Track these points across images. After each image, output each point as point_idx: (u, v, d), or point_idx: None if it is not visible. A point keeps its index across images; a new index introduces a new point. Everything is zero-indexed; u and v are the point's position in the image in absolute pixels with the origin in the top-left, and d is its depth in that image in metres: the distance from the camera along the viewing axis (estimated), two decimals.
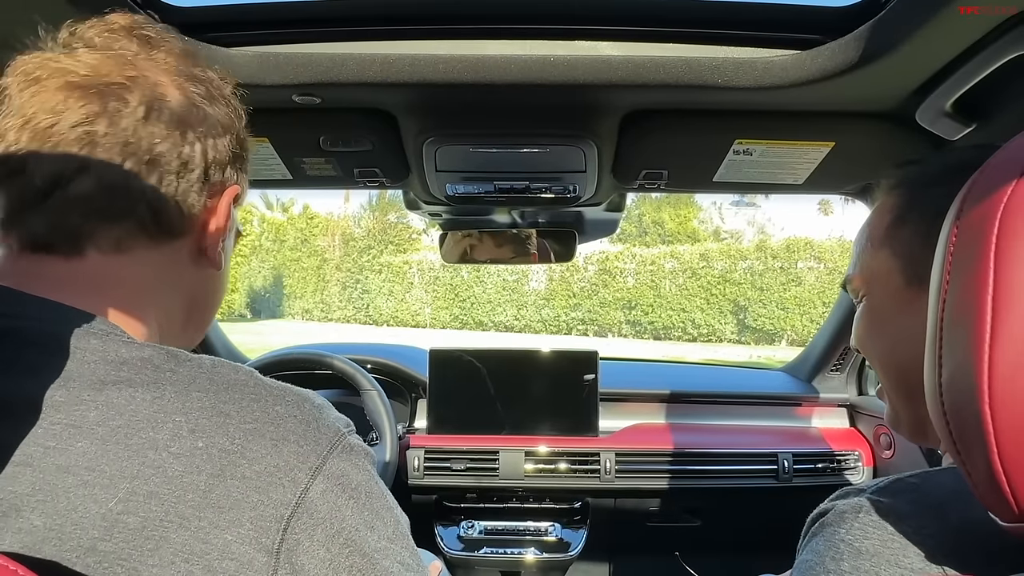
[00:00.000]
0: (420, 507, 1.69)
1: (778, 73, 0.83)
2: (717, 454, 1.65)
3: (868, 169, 1.14)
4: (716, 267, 17.63)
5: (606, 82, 0.85)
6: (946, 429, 0.37)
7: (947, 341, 0.37)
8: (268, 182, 1.24)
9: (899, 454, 1.56)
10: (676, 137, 1.05)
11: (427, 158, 1.11)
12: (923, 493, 0.46)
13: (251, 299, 22.38)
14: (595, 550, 1.72)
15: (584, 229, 1.58)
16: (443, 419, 1.69)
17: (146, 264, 0.49)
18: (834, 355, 1.73)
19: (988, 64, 0.73)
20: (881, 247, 0.60)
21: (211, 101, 0.52)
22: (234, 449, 0.40)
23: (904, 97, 0.89)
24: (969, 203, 0.38)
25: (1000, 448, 0.33)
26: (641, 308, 17.87)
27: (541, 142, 1.07)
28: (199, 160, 0.50)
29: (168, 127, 0.48)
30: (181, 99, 0.49)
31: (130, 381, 0.41)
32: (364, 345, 2.03)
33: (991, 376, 0.34)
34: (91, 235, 0.46)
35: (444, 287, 19.75)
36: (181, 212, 0.49)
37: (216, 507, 0.38)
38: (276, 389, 0.44)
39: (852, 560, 0.43)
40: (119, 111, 0.45)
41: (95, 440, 0.38)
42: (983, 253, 0.35)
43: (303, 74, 0.86)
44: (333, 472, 0.42)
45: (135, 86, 0.47)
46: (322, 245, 22.40)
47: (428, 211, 1.46)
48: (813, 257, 16.98)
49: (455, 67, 0.84)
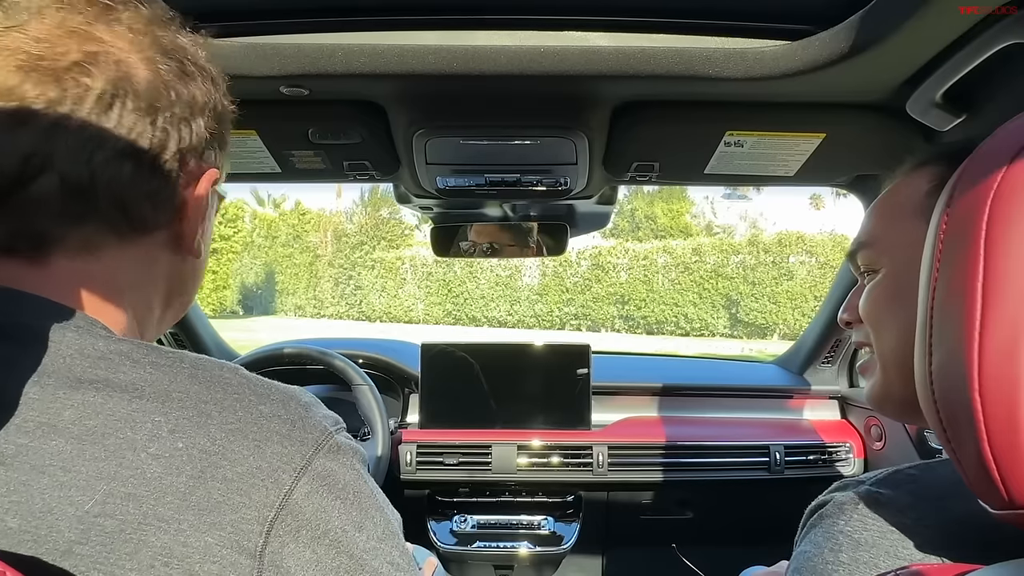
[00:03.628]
0: (413, 502, 1.69)
1: (769, 63, 0.83)
2: (709, 446, 1.65)
3: (859, 160, 1.15)
4: (708, 262, 17.66)
5: (596, 73, 0.85)
6: (936, 416, 0.37)
7: (937, 328, 0.37)
8: (256, 175, 1.22)
9: (890, 445, 1.57)
10: (667, 129, 1.05)
11: (417, 150, 1.10)
12: (922, 484, 0.46)
13: (243, 296, 22.25)
14: (588, 543, 1.73)
15: (576, 222, 1.57)
16: (435, 414, 1.69)
17: (119, 261, 0.45)
18: (826, 347, 1.74)
19: (978, 54, 0.73)
20: (914, 215, 0.59)
21: (185, 78, 0.46)
22: (215, 450, 0.39)
23: (894, 88, 0.88)
24: (959, 190, 0.38)
25: (990, 435, 0.33)
26: (634, 303, 17.90)
27: (532, 134, 1.06)
28: (173, 148, 0.45)
29: (136, 113, 0.43)
30: (150, 78, 0.44)
31: (107, 380, 0.39)
32: (355, 340, 2.02)
33: (981, 363, 0.34)
34: (57, 239, 0.42)
35: (437, 283, 19.70)
36: (155, 206, 0.46)
37: (197, 509, 0.37)
38: (261, 387, 0.43)
39: (851, 551, 0.43)
40: (81, 97, 0.40)
41: (70, 439, 0.37)
42: (973, 240, 0.35)
43: (291, 65, 0.85)
44: (319, 472, 0.41)
45: (95, 66, 0.41)
46: (314, 241, 22.28)
47: (419, 204, 1.46)
48: (805, 251, 17.04)
49: (444, 58, 0.83)
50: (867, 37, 0.75)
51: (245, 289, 22.44)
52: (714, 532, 1.80)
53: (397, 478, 1.62)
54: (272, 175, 1.21)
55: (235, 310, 21.34)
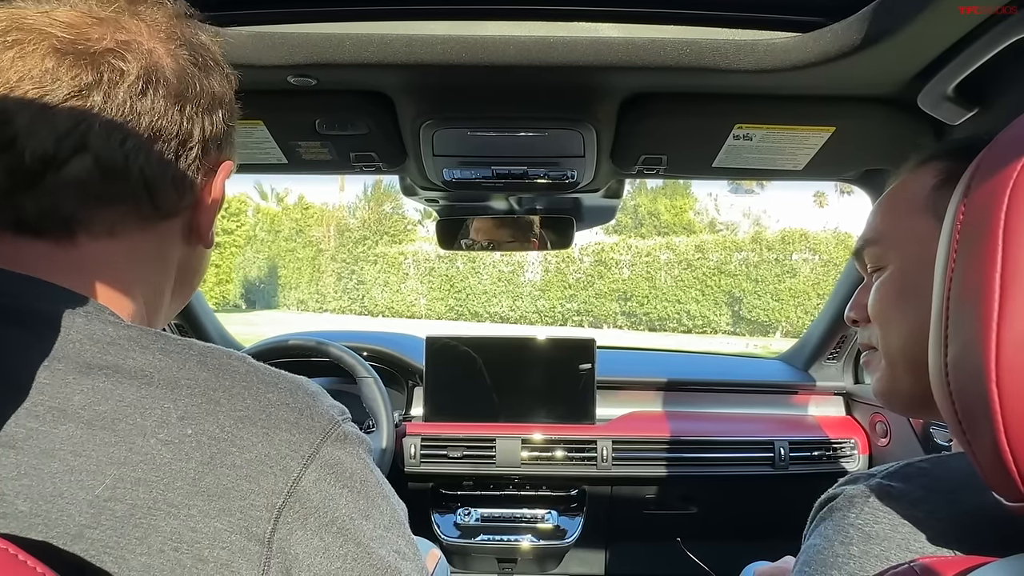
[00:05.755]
0: (417, 495, 1.69)
1: (779, 55, 0.82)
2: (714, 442, 1.65)
3: (868, 155, 1.14)
4: (711, 259, 17.65)
5: (605, 64, 0.84)
6: (951, 409, 0.37)
7: (953, 320, 0.37)
8: (263, 166, 1.22)
9: (895, 442, 1.57)
10: (676, 121, 1.04)
11: (424, 142, 1.10)
12: (934, 478, 0.45)
13: (246, 290, 22.31)
14: (592, 537, 1.73)
15: (582, 216, 1.57)
16: (440, 407, 1.69)
17: (138, 245, 0.47)
18: (831, 343, 1.73)
19: (991, 48, 0.73)
20: (922, 211, 0.58)
21: (205, 70, 0.48)
22: (224, 437, 0.39)
23: (906, 81, 0.88)
24: (977, 180, 0.37)
25: (1007, 428, 0.33)
26: (636, 299, 17.90)
27: (539, 126, 1.06)
28: (198, 136, 0.47)
29: (167, 101, 0.44)
30: (176, 69, 0.45)
31: (117, 366, 0.39)
32: (360, 333, 2.02)
33: (998, 355, 0.33)
34: (85, 221, 0.43)
35: (440, 278, 19.73)
36: (178, 193, 0.47)
37: (206, 495, 0.37)
38: (269, 376, 0.43)
39: (862, 544, 0.43)
40: (115, 82, 0.41)
41: (80, 424, 0.37)
42: (991, 231, 0.35)
43: (298, 54, 0.85)
44: (327, 461, 0.41)
45: (129, 53, 0.42)
46: (317, 236, 22.32)
47: (425, 197, 1.45)
48: (808, 249, 17.02)
49: (453, 48, 0.83)
50: (879, 29, 0.74)
51: (248, 283, 22.49)
52: (718, 527, 1.80)
53: (401, 471, 1.63)
54: (279, 166, 1.21)
55: (238, 304, 21.40)
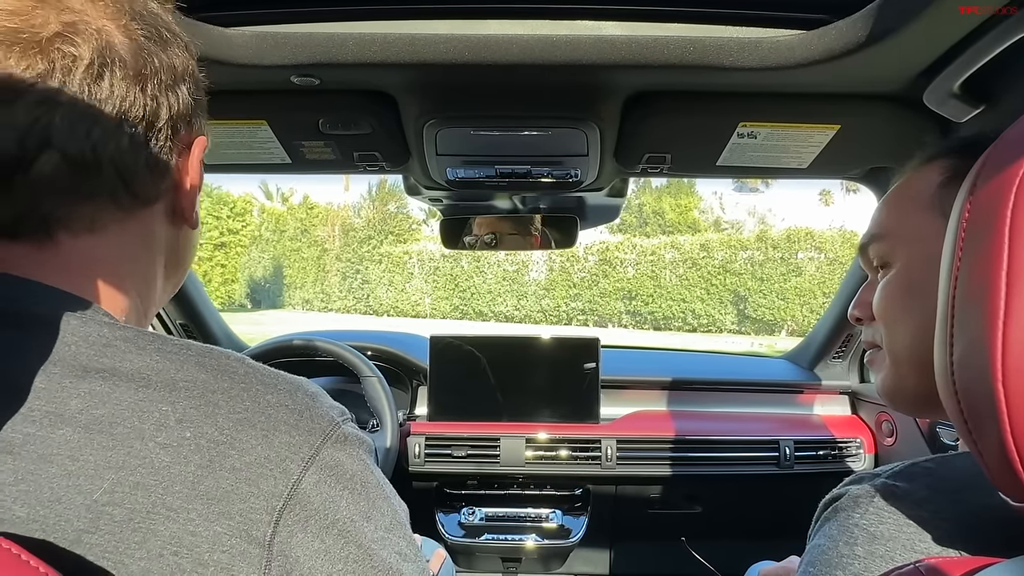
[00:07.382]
0: (421, 494, 1.69)
1: (784, 53, 0.82)
2: (718, 441, 1.65)
3: (874, 152, 1.13)
4: (716, 257, 17.58)
5: (609, 62, 0.84)
6: (957, 408, 0.37)
7: (959, 319, 0.36)
8: (267, 166, 1.22)
9: (901, 441, 1.56)
10: (680, 120, 1.04)
11: (427, 141, 1.10)
12: (939, 478, 0.45)
13: (251, 289, 22.35)
14: (596, 536, 1.73)
15: (585, 215, 1.56)
16: (444, 406, 1.69)
17: (122, 237, 0.45)
18: (836, 343, 1.72)
19: (996, 45, 0.72)
20: (928, 208, 0.58)
21: (162, 43, 0.45)
22: (223, 440, 0.38)
23: (911, 78, 0.87)
24: (983, 178, 0.37)
25: (1013, 427, 0.33)
26: (641, 298, 17.84)
27: (543, 124, 1.06)
28: (165, 115, 0.44)
29: (126, 82, 0.41)
30: (131, 46, 0.42)
31: (113, 368, 0.39)
32: (364, 332, 2.02)
33: (1005, 354, 0.33)
34: (63, 219, 0.42)
35: (444, 277, 19.72)
36: (154, 177, 0.45)
37: (205, 499, 0.37)
38: (268, 377, 0.43)
39: (867, 545, 0.43)
40: (69, 70, 0.39)
41: (78, 428, 0.37)
42: (997, 228, 0.34)
43: (302, 54, 0.85)
44: (327, 462, 0.41)
45: (78, 35, 0.39)
46: (322, 235, 22.34)
47: (428, 196, 1.45)
48: (814, 247, 16.93)
49: (456, 47, 0.83)
50: (885, 26, 0.74)
51: (253, 283, 22.54)
52: (723, 527, 1.79)
53: (405, 470, 1.63)
54: (282, 166, 1.21)
55: (243, 304, 21.45)
